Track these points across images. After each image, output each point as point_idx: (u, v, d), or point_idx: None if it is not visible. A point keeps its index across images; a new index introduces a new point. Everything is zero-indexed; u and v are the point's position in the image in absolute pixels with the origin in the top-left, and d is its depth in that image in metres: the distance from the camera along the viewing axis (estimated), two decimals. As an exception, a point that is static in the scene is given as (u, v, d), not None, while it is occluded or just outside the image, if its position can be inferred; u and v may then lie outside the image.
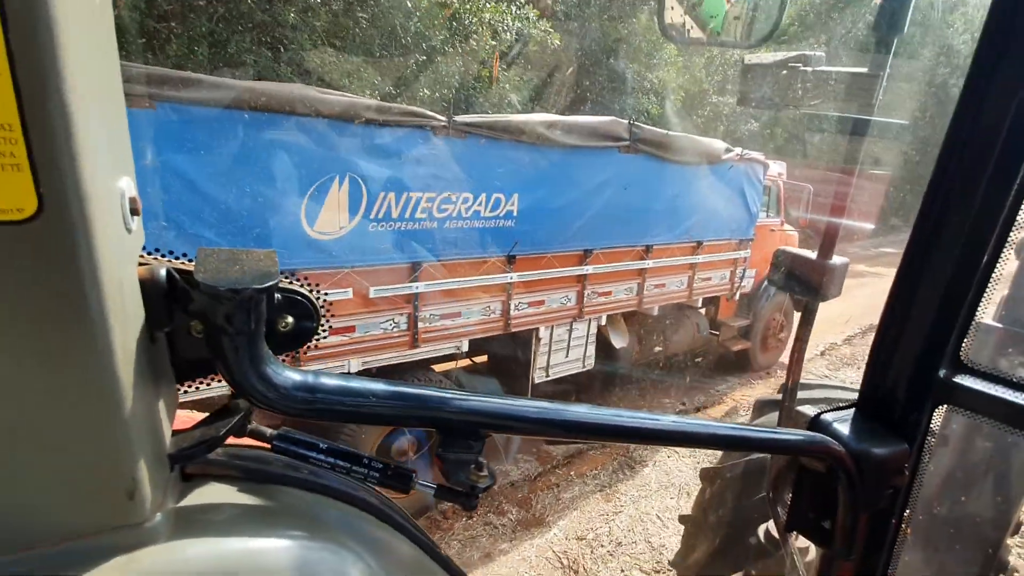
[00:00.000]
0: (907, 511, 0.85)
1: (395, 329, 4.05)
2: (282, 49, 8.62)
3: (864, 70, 1.77)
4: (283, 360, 0.50)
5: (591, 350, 5.54)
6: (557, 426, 0.61)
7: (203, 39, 7.72)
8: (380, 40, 9.16)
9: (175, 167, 2.95)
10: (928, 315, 0.78)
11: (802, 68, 1.97)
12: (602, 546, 4.13)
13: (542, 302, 4.87)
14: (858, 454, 0.78)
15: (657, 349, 6.43)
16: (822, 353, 8.44)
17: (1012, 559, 2.32)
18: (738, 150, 5.94)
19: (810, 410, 0.89)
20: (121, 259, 0.40)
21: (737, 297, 7.15)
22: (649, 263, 5.56)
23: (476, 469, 0.56)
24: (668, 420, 0.69)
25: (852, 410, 0.87)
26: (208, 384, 0.53)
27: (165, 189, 2.94)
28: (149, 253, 0.48)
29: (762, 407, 3.31)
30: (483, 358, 5.82)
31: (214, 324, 0.43)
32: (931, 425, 0.82)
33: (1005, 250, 0.73)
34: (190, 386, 0.53)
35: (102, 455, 0.39)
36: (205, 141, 3.01)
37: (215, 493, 0.50)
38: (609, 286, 5.36)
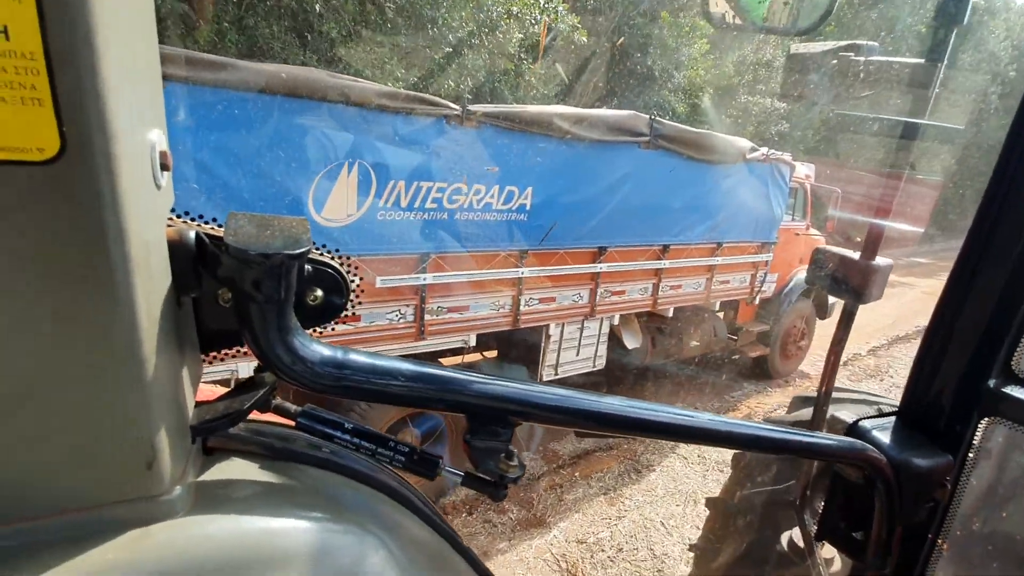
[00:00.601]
0: (945, 526, 0.82)
1: (401, 320, 4.00)
2: (308, 37, 8.67)
3: (921, 61, 1.69)
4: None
5: (602, 349, 5.43)
6: (589, 418, 0.59)
7: (232, 25, 7.79)
8: (406, 29, 9.14)
9: (177, 146, 2.93)
10: (980, 322, 0.75)
11: (854, 58, 1.89)
12: (603, 551, 4.03)
13: (553, 299, 4.78)
14: (899, 464, 0.75)
15: (671, 351, 6.28)
16: (845, 363, 8.16)
17: None
18: (764, 150, 5.73)
19: (848, 416, 0.86)
20: (149, 216, 0.37)
21: (757, 302, 6.94)
22: (666, 263, 5.41)
23: (506, 458, 0.53)
24: (704, 418, 0.67)
25: (893, 418, 0.84)
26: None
27: (179, 171, 2.93)
28: (178, 216, 0.46)
29: (799, 404, 3.17)
30: (493, 353, 5.77)
31: (242, 290, 0.41)
32: (976, 435, 0.79)
33: None
34: (216, 357, 0.51)
35: (121, 421, 0.37)
36: (208, 121, 2.98)
37: (236, 469, 0.49)
38: (623, 285, 5.24)
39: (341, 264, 0.52)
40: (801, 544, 2.40)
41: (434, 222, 3.88)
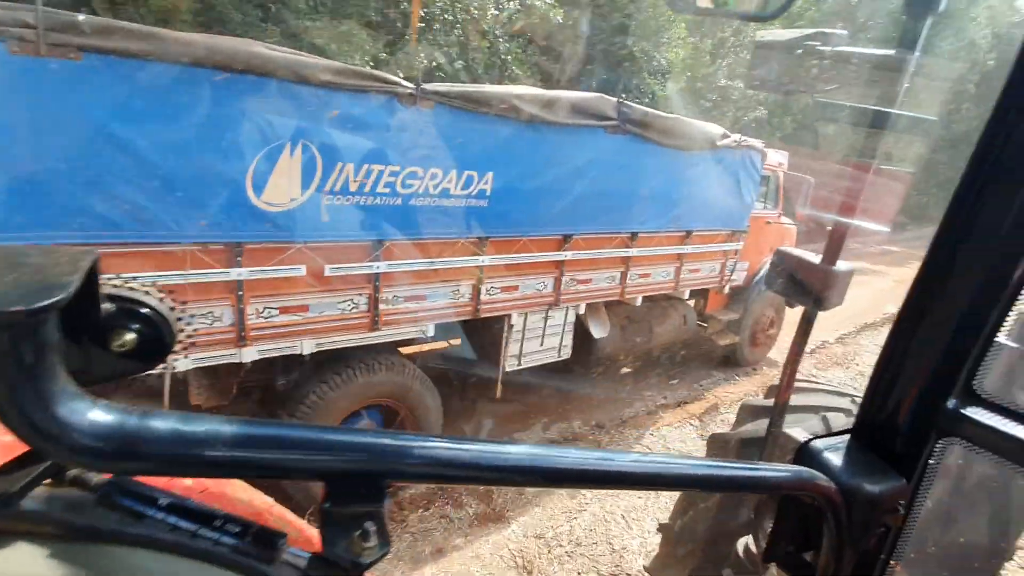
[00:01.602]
0: (898, 548, 0.80)
1: (354, 310, 3.82)
2: (272, 8, 8.26)
3: (891, 52, 1.59)
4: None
5: (568, 339, 5.32)
6: (489, 469, 0.50)
7: (185, -7, 7.36)
8: (375, 3, 8.77)
9: (102, 124, 2.69)
10: (940, 340, 0.72)
11: (820, 47, 1.80)
12: (560, 546, 3.97)
13: (516, 287, 4.63)
14: (849, 489, 0.72)
15: (640, 340, 6.21)
16: (812, 352, 8.22)
17: None
18: (736, 136, 5.62)
19: (801, 434, 0.83)
20: None
21: (727, 290, 6.90)
22: (633, 251, 5.30)
23: (361, 538, 0.42)
24: (628, 459, 0.61)
25: (847, 436, 0.81)
26: None
27: (91, 149, 2.68)
28: None
29: (745, 414, 3.09)
30: (457, 341, 5.63)
31: None
32: (932, 458, 0.76)
33: None
34: None
35: None
36: (137, 97, 2.74)
37: (20, 556, 0.42)
38: (589, 273, 5.12)
39: (162, 298, 0.44)
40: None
41: (387, 207, 3.68)
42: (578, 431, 5.52)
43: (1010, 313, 0.68)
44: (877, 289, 11.56)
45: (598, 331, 5.62)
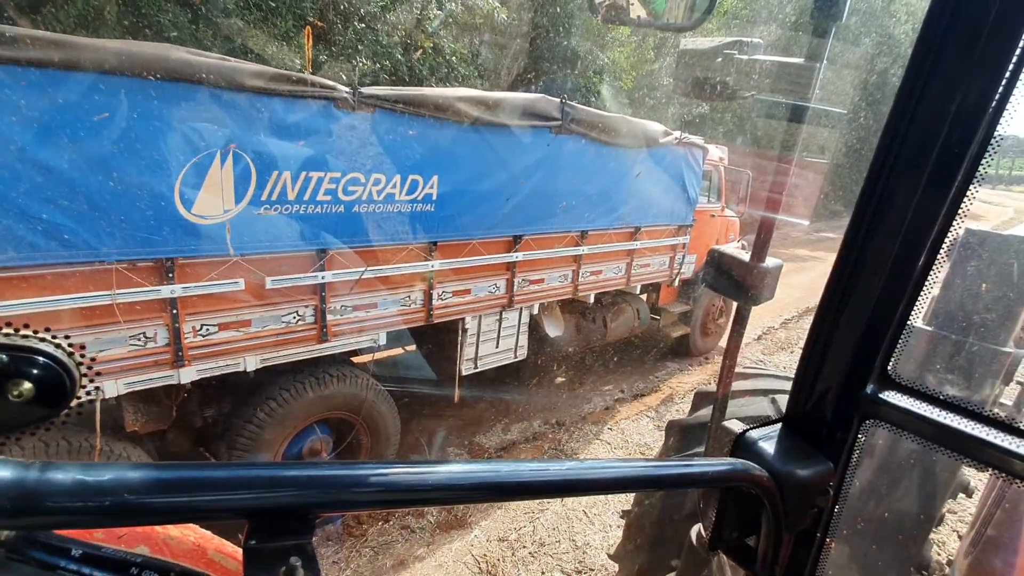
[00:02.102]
0: (831, 528, 0.84)
1: (300, 322, 3.70)
2: (202, 9, 7.90)
3: (800, 60, 1.70)
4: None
5: (523, 340, 5.33)
6: (420, 490, 0.49)
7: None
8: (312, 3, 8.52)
9: (11, 140, 2.49)
10: (857, 328, 0.76)
11: (737, 56, 1.90)
12: (524, 547, 3.97)
13: (468, 291, 4.60)
14: (781, 476, 0.76)
15: (595, 337, 6.29)
16: (758, 338, 8.55)
17: (933, 555, 2.34)
18: (677, 133, 5.77)
19: (736, 426, 0.89)
20: None
21: (677, 283, 7.08)
22: (584, 250, 5.36)
23: (287, 574, 0.41)
24: (565, 467, 0.61)
25: (779, 426, 0.85)
26: None
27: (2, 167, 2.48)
28: None
29: (699, 400, 3.28)
30: (412, 347, 5.55)
31: None
32: (857, 441, 0.80)
33: (936, 264, 0.70)
34: None
35: None
36: (46, 110, 2.55)
37: None
38: (541, 273, 5.14)
39: (57, 346, 0.43)
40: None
41: (329, 215, 3.58)
42: (538, 430, 5.54)
43: (917, 300, 0.72)
44: (818, 274, 12.12)
45: (553, 330, 5.66)
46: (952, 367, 1.68)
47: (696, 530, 2.62)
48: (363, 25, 9.04)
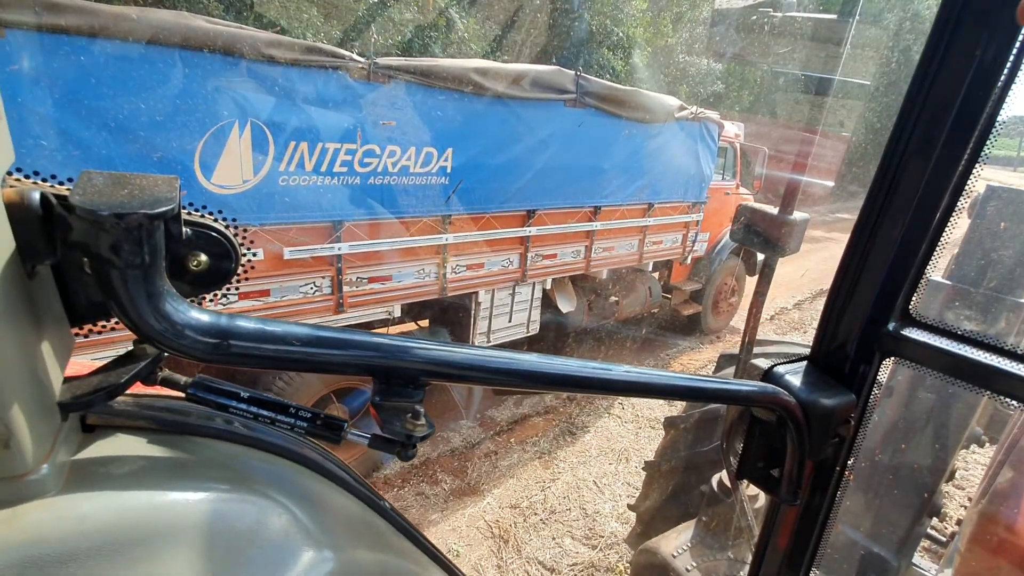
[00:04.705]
0: (851, 459, 0.89)
1: (317, 293, 3.76)
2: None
3: (833, 16, 1.73)
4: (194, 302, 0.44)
5: (536, 314, 5.37)
6: (505, 374, 0.58)
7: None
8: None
9: (34, 106, 2.54)
10: (880, 271, 0.81)
11: (772, 13, 1.93)
12: (535, 514, 4.06)
13: (481, 265, 4.63)
14: (807, 404, 0.81)
15: (607, 313, 6.32)
16: (771, 318, 8.52)
17: (945, 503, 2.41)
18: (693, 108, 5.70)
19: (764, 363, 0.95)
20: None
21: (689, 261, 7.06)
22: (597, 225, 5.35)
23: (412, 418, 0.51)
24: (621, 370, 0.68)
25: (804, 363, 0.90)
26: None
27: (22, 132, 2.54)
28: (27, 176, 0.42)
29: (724, 361, 3.45)
30: (425, 323, 5.62)
31: (99, 256, 0.38)
32: (878, 377, 0.85)
33: (955, 212, 0.75)
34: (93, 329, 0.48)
35: None
36: (70, 76, 2.59)
37: (121, 445, 0.47)
38: (554, 248, 5.15)
39: (227, 227, 0.49)
40: (728, 483, 2.58)
41: (346, 187, 3.61)
42: (550, 403, 5.61)
43: (938, 244, 0.78)
44: (831, 255, 11.99)
45: (566, 305, 5.69)
46: (972, 317, 1.72)
47: (717, 479, 2.74)
48: (377, 1, 8.96)
